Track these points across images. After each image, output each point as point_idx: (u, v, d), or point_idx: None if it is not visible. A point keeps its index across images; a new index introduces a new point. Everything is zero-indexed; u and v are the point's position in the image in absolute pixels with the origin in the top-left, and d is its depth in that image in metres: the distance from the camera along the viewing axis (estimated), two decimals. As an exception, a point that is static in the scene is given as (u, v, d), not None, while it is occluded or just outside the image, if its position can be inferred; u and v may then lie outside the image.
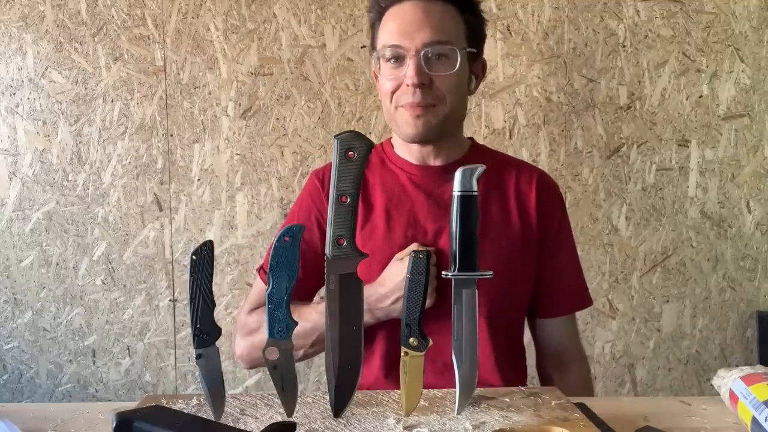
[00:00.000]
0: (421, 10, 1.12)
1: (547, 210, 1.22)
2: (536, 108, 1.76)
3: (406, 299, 0.85)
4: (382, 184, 1.21)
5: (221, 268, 1.77)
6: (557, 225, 1.24)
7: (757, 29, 1.77)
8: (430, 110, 1.13)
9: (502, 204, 1.20)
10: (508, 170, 1.23)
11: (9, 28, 1.73)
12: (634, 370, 1.82)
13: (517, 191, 1.21)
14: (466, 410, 0.88)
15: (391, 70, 1.14)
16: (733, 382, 0.90)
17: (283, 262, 0.81)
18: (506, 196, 1.20)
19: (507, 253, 1.17)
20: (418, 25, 1.11)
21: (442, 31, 1.12)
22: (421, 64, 1.10)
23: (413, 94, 1.11)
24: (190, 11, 1.73)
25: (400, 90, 1.13)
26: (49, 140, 1.75)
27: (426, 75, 1.11)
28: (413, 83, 1.10)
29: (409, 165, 1.22)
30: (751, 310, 1.83)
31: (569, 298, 1.27)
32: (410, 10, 1.13)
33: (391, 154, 1.25)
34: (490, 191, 1.19)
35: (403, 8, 1.14)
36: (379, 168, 1.24)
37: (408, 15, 1.13)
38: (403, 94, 1.13)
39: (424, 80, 1.10)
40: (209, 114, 1.75)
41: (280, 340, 0.83)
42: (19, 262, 1.78)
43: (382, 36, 1.16)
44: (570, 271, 1.27)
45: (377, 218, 1.19)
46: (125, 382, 1.81)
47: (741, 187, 1.80)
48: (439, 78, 1.12)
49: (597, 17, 1.75)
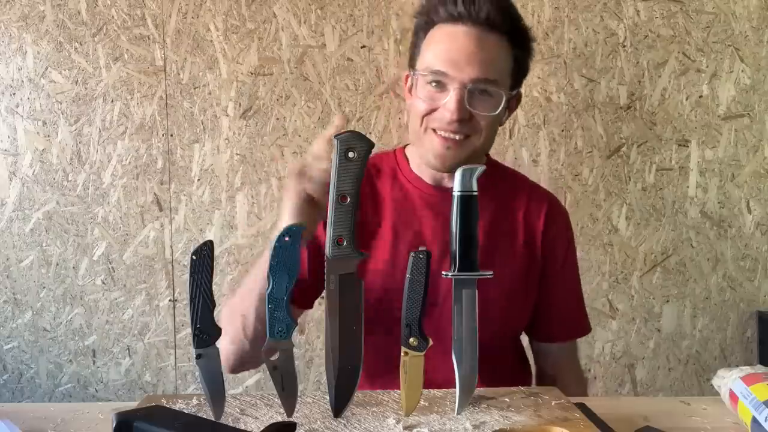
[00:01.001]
0: (475, 41, 1.06)
1: (552, 243, 1.20)
2: (536, 108, 1.76)
3: (406, 299, 0.85)
4: (393, 198, 1.18)
5: (221, 268, 1.77)
6: (561, 258, 1.23)
7: (757, 29, 1.77)
8: (462, 144, 1.09)
9: (510, 232, 1.18)
10: (520, 196, 1.21)
11: (9, 28, 1.73)
12: (634, 370, 1.82)
13: (525, 220, 1.19)
14: (466, 410, 0.88)
15: (430, 93, 1.09)
16: (733, 382, 0.90)
17: (283, 262, 0.81)
18: (514, 223, 1.18)
19: (508, 283, 1.16)
20: (469, 56, 1.05)
21: (492, 68, 1.07)
22: (464, 99, 1.06)
23: (448, 123, 1.07)
24: (190, 11, 1.73)
25: (435, 114, 1.09)
26: (49, 140, 1.75)
27: (467, 111, 1.06)
28: (452, 118, 1.06)
29: (421, 182, 1.18)
30: (751, 310, 1.83)
31: (567, 327, 1.26)
32: (463, 38, 1.06)
33: (404, 167, 1.21)
34: (500, 221, 1.17)
35: (456, 32, 1.07)
36: (390, 180, 1.20)
37: (460, 42, 1.06)
38: (436, 119, 1.08)
39: (464, 116, 1.06)
40: (209, 114, 1.75)
41: (280, 340, 0.83)
42: (19, 262, 1.78)
43: (427, 55, 1.10)
44: (569, 301, 1.26)
45: (385, 233, 1.16)
46: (125, 382, 1.81)
47: (741, 187, 1.80)
48: (478, 114, 1.08)
49: (597, 17, 1.75)
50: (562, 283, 1.23)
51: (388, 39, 1.74)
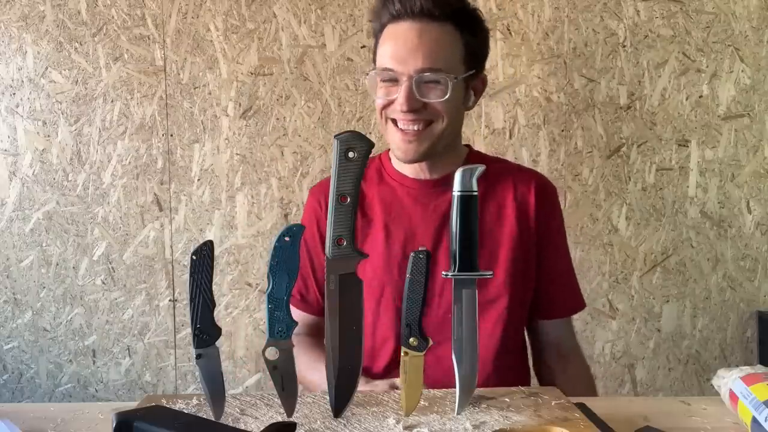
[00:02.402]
0: (416, 34, 1.11)
1: (546, 215, 1.22)
2: (536, 108, 1.76)
3: (406, 299, 0.85)
4: (381, 198, 1.22)
5: (221, 268, 1.77)
6: (556, 229, 1.25)
7: (757, 29, 1.77)
8: (423, 133, 1.13)
9: (498, 211, 1.20)
10: (505, 177, 1.23)
11: (9, 28, 1.73)
12: (634, 370, 1.82)
13: (515, 198, 1.21)
14: (466, 410, 0.88)
15: (385, 89, 1.15)
16: (733, 382, 0.90)
17: (283, 262, 0.81)
18: (503, 204, 1.20)
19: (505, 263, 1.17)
20: (411, 50, 1.10)
21: (436, 57, 1.11)
22: (412, 90, 1.10)
23: (403, 114, 1.12)
24: (190, 11, 1.73)
25: (391, 107, 1.14)
26: (49, 140, 1.75)
27: (417, 101, 1.11)
28: (403, 110, 1.11)
29: (405, 179, 1.23)
30: (751, 310, 1.83)
31: (567, 301, 1.28)
32: (405, 33, 1.12)
33: (388, 167, 1.25)
34: (486, 201, 1.19)
35: (400, 29, 1.13)
36: (376, 181, 1.24)
37: (402, 38, 1.12)
38: (392, 110, 1.14)
39: (415, 106, 1.11)
40: (209, 114, 1.75)
41: (280, 340, 0.83)
42: (19, 262, 1.78)
43: (379, 55, 1.16)
44: (567, 274, 1.29)
45: (376, 233, 1.20)
46: (125, 382, 1.81)
47: (741, 187, 1.80)
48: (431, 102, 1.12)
49: (597, 17, 1.75)
50: (559, 256, 1.26)
51: (388, 39, 1.73)
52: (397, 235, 1.18)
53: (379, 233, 1.19)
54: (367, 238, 1.20)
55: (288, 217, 1.76)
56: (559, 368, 1.26)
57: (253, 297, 1.78)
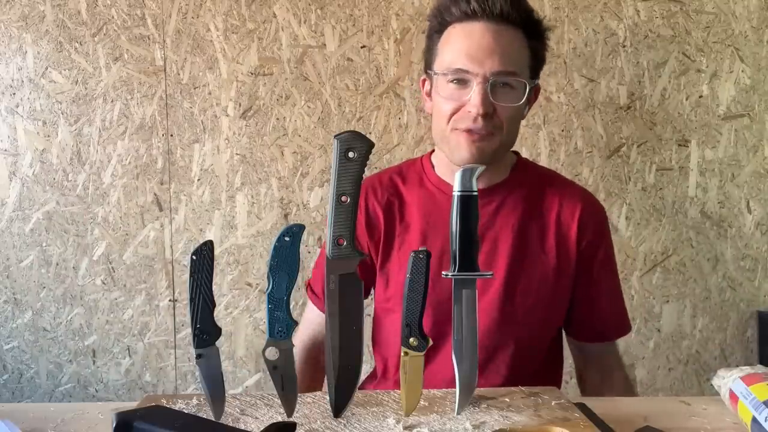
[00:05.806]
0: (492, 35, 1.08)
1: (590, 245, 1.19)
2: (536, 108, 1.76)
3: (406, 299, 0.85)
4: (420, 204, 1.19)
5: (221, 268, 1.77)
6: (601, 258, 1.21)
7: (757, 29, 1.77)
8: (488, 138, 1.10)
9: (540, 234, 1.17)
10: (551, 196, 1.20)
11: (9, 28, 1.73)
12: (634, 370, 1.82)
13: (558, 221, 1.18)
14: (466, 410, 0.88)
15: (453, 91, 1.10)
16: (733, 382, 0.90)
17: (283, 262, 0.81)
18: (546, 225, 1.18)
19: (537, 284, 1.15)
20: (487, 51, 1.07)
21: (511, 60, 1.09)
22: (487, 92, 1.07)
23: (474, 120, 1.08)
24: (190, 11, 1.73)
25: (460, 113, 1.10)
26: (49, 140, 1.75)
27: (491, 104, 1.08)
28: (478, 112, 1.07)
29: (447, 186, 1.18)
30: (751, 310, 1.83)
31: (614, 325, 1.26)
32: (480, 33, 1.08)
33: (430, 173, 1.22)
34: (530, 221, 1.17)
35: (472, 29, 1.09)
36: (417, 187, 1.21)
37: (477, 38, 1.08)
38: (462, 119, 1.10)
39: (489, 110, 1.08)
40: (209, 114, 1.75)
41: (280, 340, 0.83)
42: (19, 262, 1.78)
43: (445, 54, 1.11)
44: (615, 299, 1.26)
45: (413, 240, 1.16)
46: (125, 382, 1.81)
47: (741, 187, 1.80)
48: (502, 107, 1.09)
49: (597, 17, 1.75)
50: (605, 281, 1.23)
51: (388, 39, 1.74)
52: (434, 243, 1.14)
53: (416, 241, 1.16)
54: (403, 245, 1.17)
55: (288, 217, 1.76)
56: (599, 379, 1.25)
57: (253, 297, 1.78)
